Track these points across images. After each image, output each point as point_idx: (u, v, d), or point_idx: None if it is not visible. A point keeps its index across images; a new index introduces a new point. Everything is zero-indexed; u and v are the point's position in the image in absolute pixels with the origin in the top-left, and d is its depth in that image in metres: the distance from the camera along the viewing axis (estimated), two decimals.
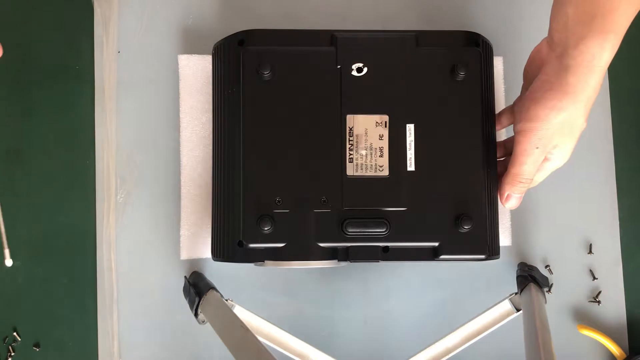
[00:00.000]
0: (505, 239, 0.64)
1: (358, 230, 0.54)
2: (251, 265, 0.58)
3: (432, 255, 0.55)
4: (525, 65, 0.57)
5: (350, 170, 0.55)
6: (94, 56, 0.64)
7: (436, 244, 0.55)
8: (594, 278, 0.65)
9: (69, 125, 0.63)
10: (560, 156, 0.53)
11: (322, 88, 0.56)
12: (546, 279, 0.61)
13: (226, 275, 0.62)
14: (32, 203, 0.62)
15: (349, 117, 0.55)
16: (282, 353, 0.57)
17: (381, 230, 0.54)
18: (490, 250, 0.56)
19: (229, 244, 0.55)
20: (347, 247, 0.55)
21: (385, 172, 0.55)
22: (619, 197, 0.66)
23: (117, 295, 0.62)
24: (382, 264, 0.63)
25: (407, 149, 0.55)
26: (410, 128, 0.56)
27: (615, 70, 0.67)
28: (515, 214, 0.65)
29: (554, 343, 0.50)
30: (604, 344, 0.63)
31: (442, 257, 0.55)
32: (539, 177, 0.55)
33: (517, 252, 0.65)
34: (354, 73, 0.56)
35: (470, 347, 0.57)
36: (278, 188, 0.55)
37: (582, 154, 0.66)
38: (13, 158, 0.63)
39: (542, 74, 0.52)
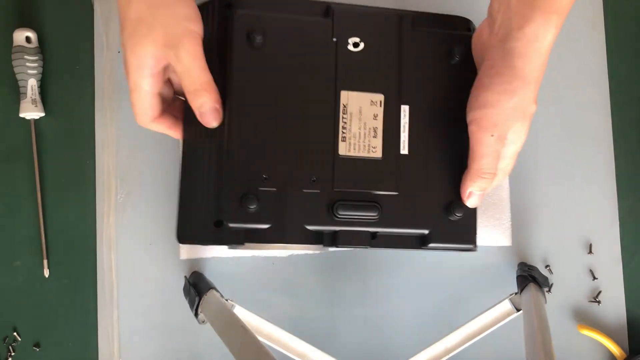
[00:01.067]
0: (505, 239, 0.64)
1: (349, 214, 0.52)
2: (251, 265, 0.58)
3: (420, 243, 0.54)
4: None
5: (342, 150, 0.53)
6: (94, 56, 0.64)
7: (426, 231, 0.53)
8: (594, 278, 0.65)
9: (69, 125, 0.63)
10: (515, 139, 0.51)
11: (316, 60, 0.53)
12: (546, 279, 0.61)
13: (226, 275, 0.62)
14: (32, 203, 0.62)
15: (343, 93, 0.53)
16: (282, 353, 0.57)
17: (372, 214, 0.52)
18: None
19: (204, 224, 0.51)
20: (336, 232, 0.52)
21: (379, 154, 0.53)
22: (619, 197, 0.66)
23: (117, 295, 0.62)
24: (383, 264, 0.63)
25: (401, 131, 0.54)
26: (405, 109, 0.54)
27: (615, 71, 0.67)
28: (515, 213, 0.65)
29: (554, 343, 0.50)
30: (604, 344, 0.63)
31: (431, 245, 0.54)
32: (507, 166, 0.53)
33: (517, 252, 0.65)
34: (350, 48, 0.54)
35: (470, 347, 0.57)
36: (265, 164, 0.51)
37: (582, 154, 0.66)
38: (13, 158, 0.63)
39: (487, 59, 0.51)
